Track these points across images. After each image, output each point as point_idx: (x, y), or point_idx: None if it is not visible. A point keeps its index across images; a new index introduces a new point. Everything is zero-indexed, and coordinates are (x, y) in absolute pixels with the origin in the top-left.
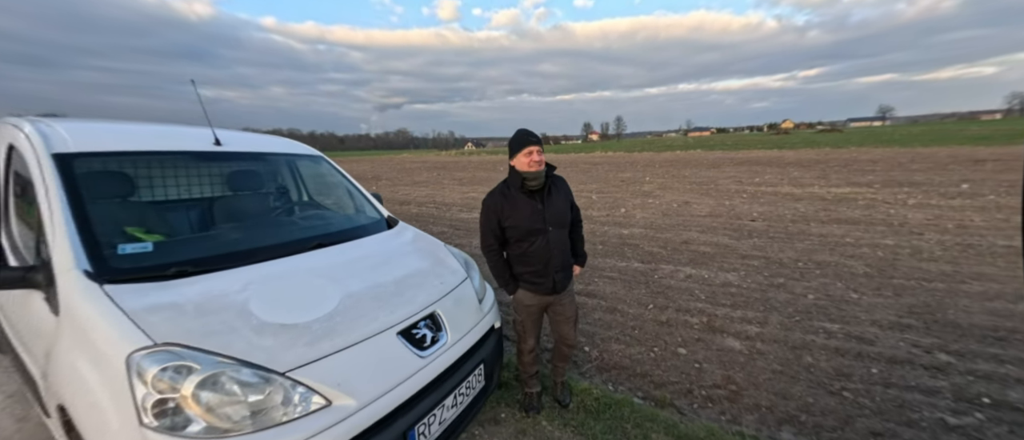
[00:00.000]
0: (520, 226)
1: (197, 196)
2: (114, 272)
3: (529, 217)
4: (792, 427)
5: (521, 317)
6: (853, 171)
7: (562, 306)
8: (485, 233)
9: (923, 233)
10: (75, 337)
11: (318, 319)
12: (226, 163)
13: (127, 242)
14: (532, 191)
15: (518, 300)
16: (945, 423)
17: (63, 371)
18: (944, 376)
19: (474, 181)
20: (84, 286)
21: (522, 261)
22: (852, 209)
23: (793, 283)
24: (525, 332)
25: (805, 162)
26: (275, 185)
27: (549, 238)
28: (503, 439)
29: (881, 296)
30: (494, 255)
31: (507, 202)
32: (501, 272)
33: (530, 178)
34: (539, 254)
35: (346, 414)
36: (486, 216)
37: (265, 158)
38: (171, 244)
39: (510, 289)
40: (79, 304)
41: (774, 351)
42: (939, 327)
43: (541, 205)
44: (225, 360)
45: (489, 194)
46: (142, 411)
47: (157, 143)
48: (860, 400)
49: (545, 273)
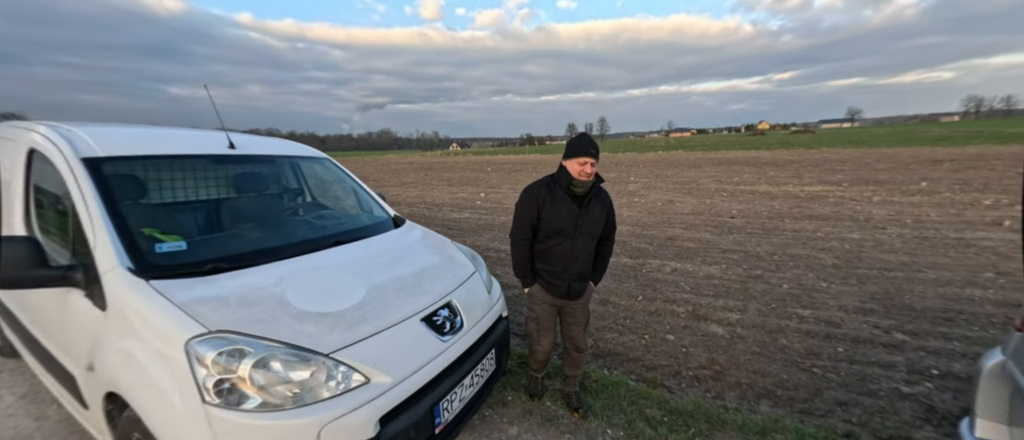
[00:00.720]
0: (553, 223)
1: (216, 197)
2: (156, 269)
3: (565, 218)
4: (769, 400)
5: (535, 312)
6: (824, 170)
7: (574, 310)
8: (521, 221)
9: (885, 227)
10: (129, 328)
11: (350, 308)
12: (242, 165)
13: (154, 242)
14: (575, 195)
15: (532, 294)
16: (900, 392)
17: (116, 360)
18: (900, 352)
19: (462, 182)
20: (132, 282)
21: (543, 258)
22: (823, 206)
23: (769, 274)
24: (540, 330)
25: (780, 162)
26: (288, 186)
27: (575, 244)
28: (511, 418)
29: (847, 284)
30: (524, 245)
31: (551, 196)
32: (524, 262)
33: (577, 185)
34: (561, 257)
35: (383, 390)
36: (526, 204)
37: (276, 160)
38: (202, 243)
39: (527, 282)
40: (129, 298)
41: (753, 335)
42: (897, 310)
43: (580, 210)
44: (274, 344)
45: (534, 183)
46: (204, 391)
47: (176, 147)
48: (828, 375)
49: (562, 276)
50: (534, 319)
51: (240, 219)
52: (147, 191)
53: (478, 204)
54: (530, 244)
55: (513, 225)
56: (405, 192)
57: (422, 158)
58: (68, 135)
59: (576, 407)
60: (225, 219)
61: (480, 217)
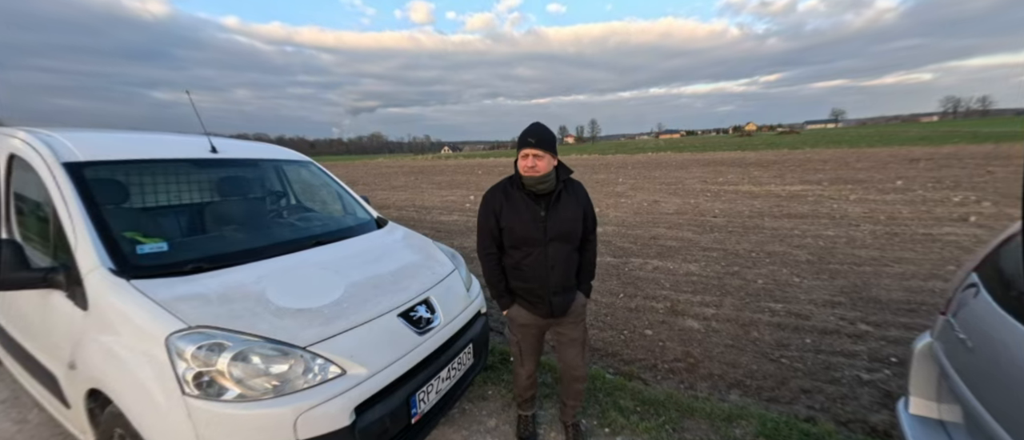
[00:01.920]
0: (516, 231)
1: (198, 200)
2: (137, 269)
3: (527, 223)
4: (738, 390)
5: (516, 337)
6: (806, 170)
7: (565, 329)
8: (482, 234)
9: (859, 224)
10: (110, 326)
11: (328, 304)
12: (224, 169)
13: (135, 244)
14: (537, 195)
15: (512, 317)
16: (860, 379)
17: (98, 357)
18: (863, 342)
19: (453, 185)
20: (113, 282)
21: (516, 274)
22: (802, 205)
23: (746, 271)
24: (521, 355)
25: (764, 163)
26: (269, 188)
27: (547, 252)
28: (491, 412)
29: (818, 279)
30: (492, 261)
31: (507, 201)
32: (496, 282)
33: (529, 183)
34: (534, 270)
35: (358, 381)
36: (484, 214)
37: (259, 164)
38: (183, 244)
39: (503, 303)
40: (111, 297)
41: (727, 329)
42: (863, 303)
43: (544, 212)
44: (252, 338)
45: (490, 189)
46: (184, 383)
47: (157, 151)
48: (795, 364)
49: (540, 293)
50: (516, 343)
51: (221, 221)
52: (129, 195)
53: (467, 207)
54: (498, 259)
55: (477, 240)
56: (395, 195)
57: (413, 162)
58: (49, 140)
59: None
60: (206, 222)
61: (469, 219)
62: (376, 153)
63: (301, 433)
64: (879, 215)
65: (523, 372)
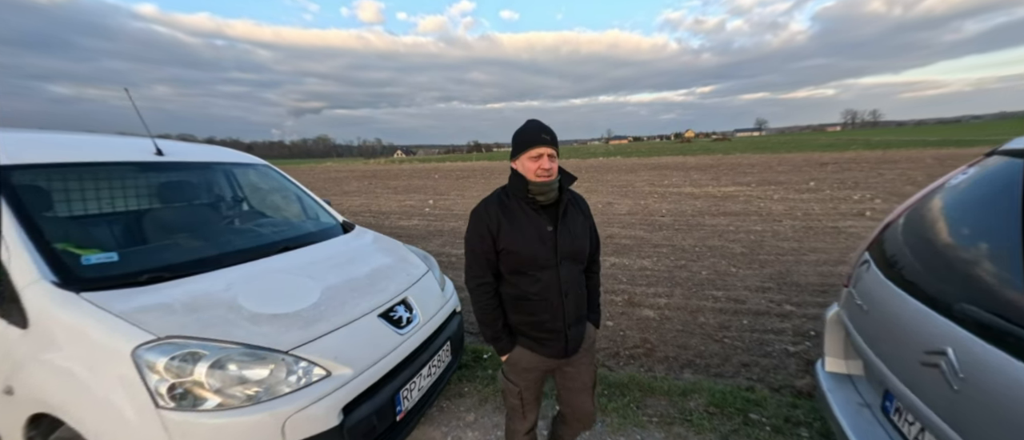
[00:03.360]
0: (519, 252)
1: (147, 206)
2: (85, 282)
3: (534, 242)
4: (690, 369)
5: (518, 386)
6: (738, 173)
7: (575, 369)
8: (474, 259)
9: (781, 220)
10: (58, 343)
11: (306, 308)
12: (172, 173)
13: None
14: (541, 206)
15: (513, 362)
16: (787, 351)
17: (44, 378)
18: (788, 320)
19: (410, 190)
20: (59, 295)
21: (520, 306)
22: (735, 204)
23: (692, 264)
24: (523, 406)
25: (702, 167)
26: (225, 193)
27: (560, 275)
28: (468, 407)
29: (751, 269)
30: (486, 293)
31: (506, 216)
32: (491, 320)
33: (537, 190)
34: (546, 298)
35: (344, 381)
36: (476, 235)
37: (211, 167)
38: (135, 253)
39: (502, 346)
40: (57, 312)
41: (678, 316)
42: (787, 287)
43: (552, 227)
44: (229, 345)
45: (482, 202)
46: (157, 396)
47: (95, 154)
48: (735, 343)
49: (553, 327)
50: (516, 394)
51: (175, 229)
52: (68, 201)
53: (426, 211)
54: (494, 290)
55: (465, 266)
56: (349, 201)
57: (365, 166)
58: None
59: None
60: (159, 229)
61: (429, 224)
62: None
63: (290, 436)
64: (797, 212)
65: (523, 427)
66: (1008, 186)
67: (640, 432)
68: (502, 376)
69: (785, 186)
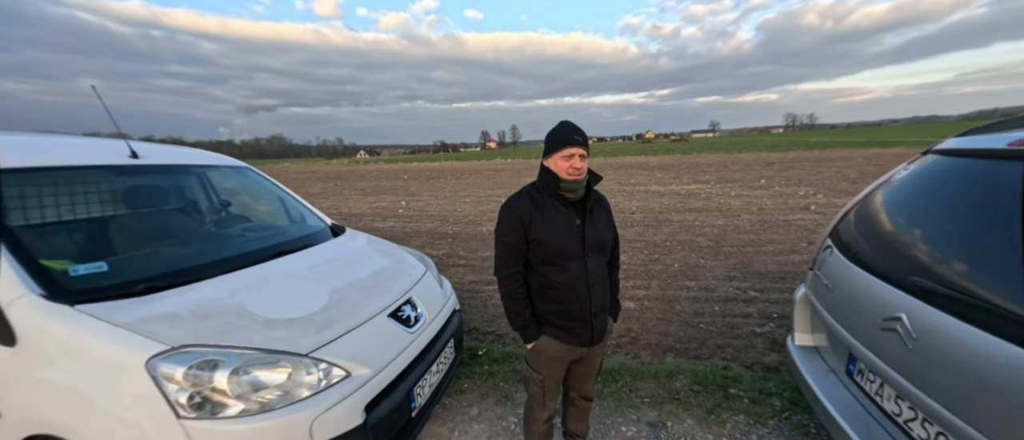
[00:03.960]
0: (549, 243)
1: (129, 213)
2: (77, 294)
3: (563, 234)
4: (672, 353)
5: (541, 374)
6: (697, 172)
7: (592, 358)
8: (506, 250)
9: (740, 215)
10: (53, 359)
11: (318, 311)
12: (152, 177)
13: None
14: (569, 202)
15: (539, 351)
16: (755, 332)
17: (40, 396)
18: (753, 305)
19: (380, 191)
20: (52, 309)
21: (548, 296)
22: (698, 201)
23: (664, 257)
24: (544, 394)
25: (664, 166)
26: (208, 197)
27: (587, 266)
28: (471, 402)
29: (717, 260)
30: (516, 282)
31: (538, 209)
32: (520, 309)
33: (568, 187)
34: (574, 287)
35: (364, 380)
36: (508, 227)
37: (191, 170)
38: (125, 262)
39: (530, 334)
40: (50, 327)
41: (656, 306)
42: (750, 275)
43: (581, 221)
44: (248, 351)
45: (513, 197)
46: (177, 406)
47: (68, 157)
48: (710, 328)
49: (581, 316)
50: (539, 382)
51: (163, 235)
52: (46, 208)
53: (400, 213)
54: (523, 280)
55: (496, 258)
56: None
57: (327, 167)
58: None
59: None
60: (145, 236)
61: (405, 226)
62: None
63: (318, 437)
64: (753, 207)
65: (543, 416)
66: (940, 177)
67: (635, 413)
68: (526, 366)
69: (740, 183)
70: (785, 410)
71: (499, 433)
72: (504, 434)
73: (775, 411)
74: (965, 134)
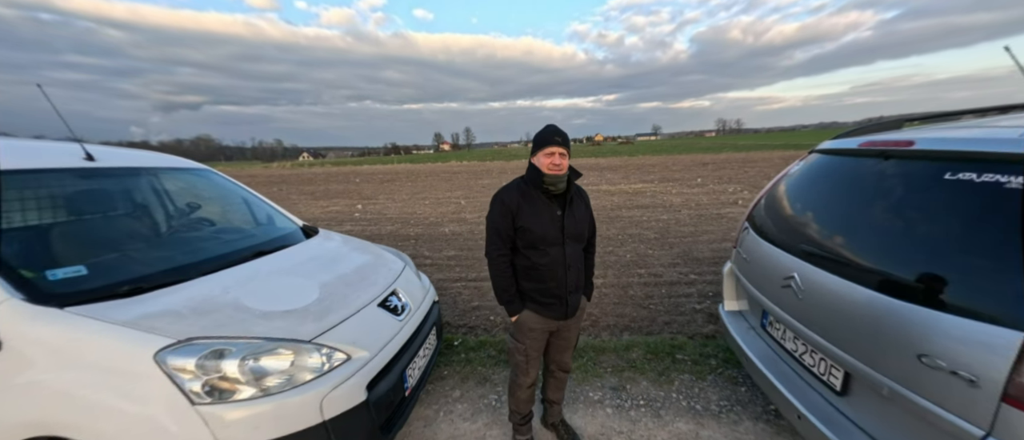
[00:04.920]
0: (534, 230)
1: (98, 216)
2: (61, 297)
3: (546, 222)
4: (629, 331)
5: (524, 344)
6: (643, 173)
7: (569, 331)
8: (495, 235)
9: (680, 211)
10: (51, 361)
11: (312, 303)
12: (116, 179)
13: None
14: (553, 195)
15: (522, 323)
16: (695, 309)
17: (41, 400)
18: (693, 286)
19: (331, 195)
20: (38, 312)
21: (530, 275)
22: (644, 198)
23: (617, 249)
24: (527, 363)
25: (613, 167)
26: (174, 200)
27: (565, 252)
28: (453, 385)
29: (663, 250)
30: (503, 263)
31: (525, 200)
32: (507, 285)
33: (549, 181)
34: (552, 268)
35: (364, 362)
36: (498, 215)
37: (156, 173)
38: (104, 265)
39: (514, 308)
40: (42, 331)
41: (613, 292)
42: (690, 262)
43: (561, 212)
44: (254, 340)
45: (503, 189)
46: (192, 395)
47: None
48: (658, 308)
49: (558, 293)
50: (522, 351)
51: (136, 238)
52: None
53: (357, 216)
54: (510, 261)
55: (487, 242)
56: None
57: (267, 170)
58: None
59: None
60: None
61: (364, 229)
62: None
63: (327, 413)
64: (691, 203)
65: (526, 382)
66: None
67: (599, 381)
68: (510, 338)
69: (680, 182)
70: (719, 367)
71: (482, 410)
72: (487, 410)
73: (711, 368)
74: (836, 138)
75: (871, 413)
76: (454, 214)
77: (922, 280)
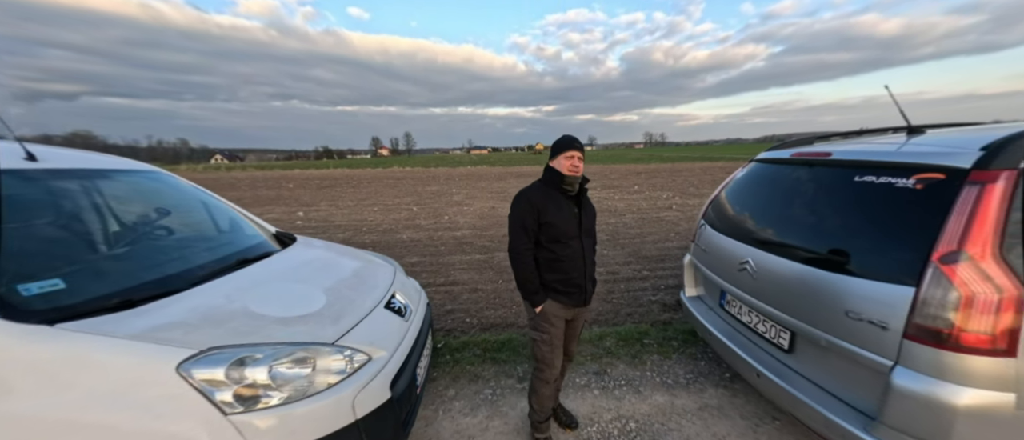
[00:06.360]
0: (557, 225)
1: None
2: (43, 313)
3: (567, 219)
4: (598, 324)
5: (549, 334)
6: None
7: (578, 320)
8: (519, 232)
9: (625, 215)
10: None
11: (323, 308)
12: (63, 182)
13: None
14: (569, 195)
15: (547, 313)
16: (651, 300)
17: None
18: (647, 281)
19: (263, 201)
20: (23, 331)
21: (553, 267)
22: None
23: None
24: (552, 352)
25: None
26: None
27: (583, 244)
28: (446, 385)
29: (616, 250)
30: (528, 256)
31: (549, 200)
32: (532, 278)
33: (569, 182)
34: (573, 260)
35: (385, 361)
36: (523, 212)
37: (108, 175)
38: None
39: (538, 299)
40: (31, 350)
41: None
42: (641, 260)
43: (577, 209)
44: (279, 346)
45: (527, 189)
46: (223, 405)
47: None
48: (620, 301)
49: (579, 282)
50: (548, 341)
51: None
52: None
53: (300, 224)
54: (533, 256)
55: (511, 238)
56: None
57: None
58: None
59: (568, 423)
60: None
61: (315, 235)
62: None
63: (359, 412)
64: (633, 208)
65: (552, 375)
66: (759, 176)
67: (583, 367)
68: (532, 331)
69: (620, 190)
70: (681, 347)
71: (479, 405)
72: (484, 405)
73: (674, 349)
74: (772, 149)
75: (812, 363)
76: (408, 220)
77: (843, 255)
